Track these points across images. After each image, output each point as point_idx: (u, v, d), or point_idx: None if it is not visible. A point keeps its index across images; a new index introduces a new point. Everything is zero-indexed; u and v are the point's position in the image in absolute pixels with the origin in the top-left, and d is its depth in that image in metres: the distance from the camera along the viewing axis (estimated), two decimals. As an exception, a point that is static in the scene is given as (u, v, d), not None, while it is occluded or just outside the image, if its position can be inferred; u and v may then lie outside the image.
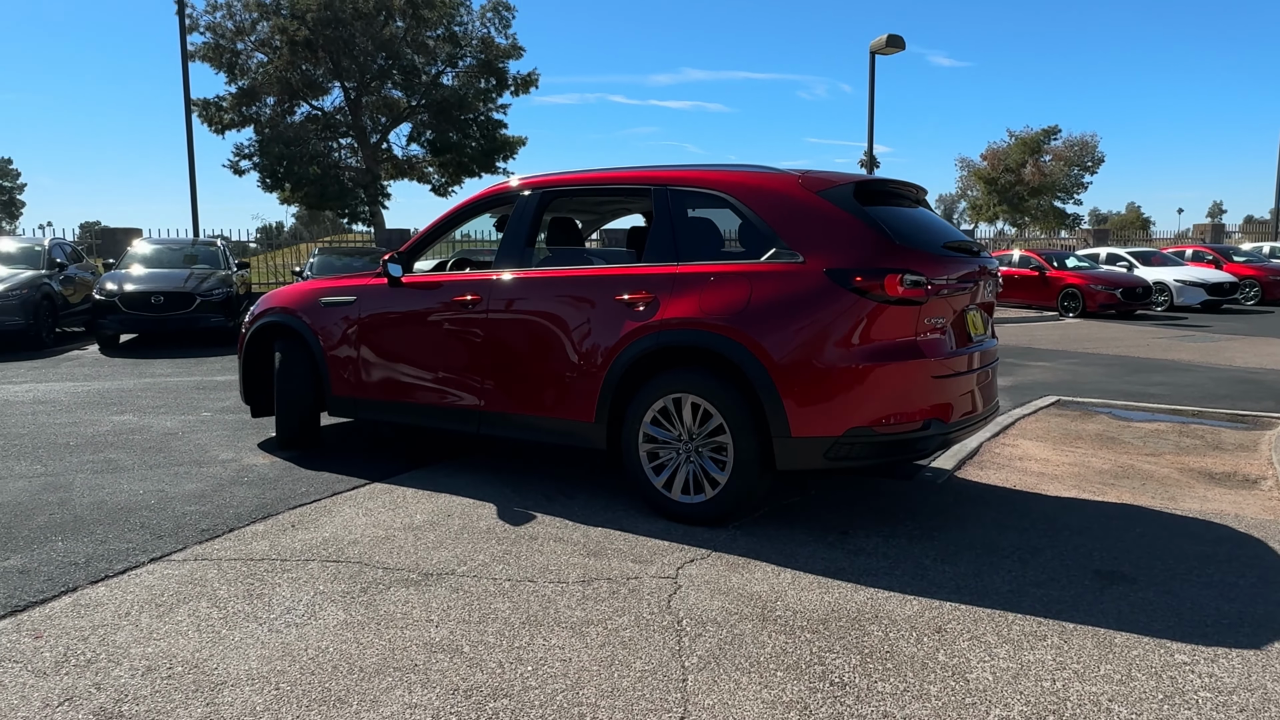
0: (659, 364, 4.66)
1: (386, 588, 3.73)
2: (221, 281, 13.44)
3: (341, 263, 15.13)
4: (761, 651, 3.10)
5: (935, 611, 3.50)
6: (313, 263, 15.08)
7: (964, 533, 4.48)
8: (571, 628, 3.33)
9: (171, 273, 13.54)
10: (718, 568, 3.95)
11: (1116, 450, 6.35)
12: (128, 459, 5.96)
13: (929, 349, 4.33)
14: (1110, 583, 3.85)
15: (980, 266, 4.78)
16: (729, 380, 4.41)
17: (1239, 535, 4.42)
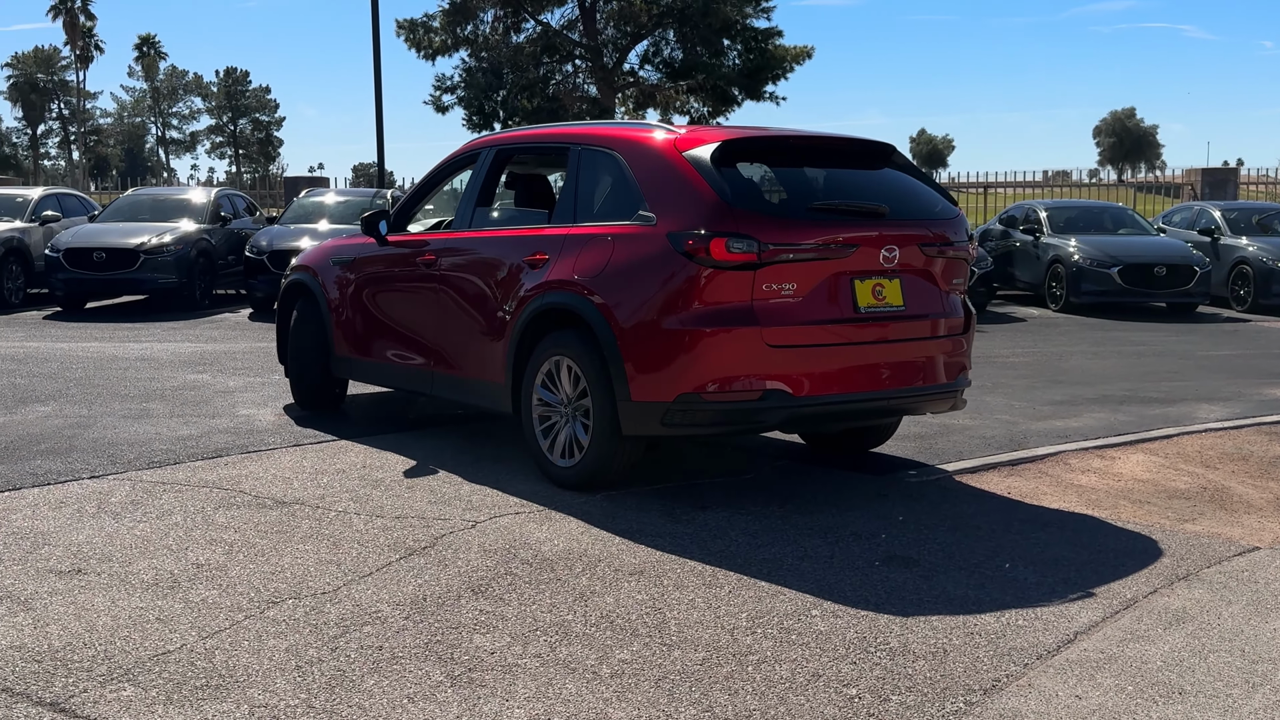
0: (548, 326, 6.43)
1: (233, 507, 5.88)
2: None
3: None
4: (451, 570, 4.85)
5: (662, 564, 5.01)
6: None
7: (829, 518, 5.80)
8: (324, 539, 5.28)
9: (332, 229, 16.84)
10: (526, 522, 5.66)
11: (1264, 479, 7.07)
12: (162, 409, 8.71)
13: (767, 316, 5.69)
14: (897, 566, 5.10)
15: (885, 232, 6.00)
16: (592, 344, 6.10)
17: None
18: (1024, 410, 8.99)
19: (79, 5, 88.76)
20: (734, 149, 6.02)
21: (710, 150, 5.90)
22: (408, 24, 27.71)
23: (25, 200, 18.28)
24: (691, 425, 5.76)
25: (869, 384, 5.97)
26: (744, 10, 26.77)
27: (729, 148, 5.98)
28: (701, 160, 5.87)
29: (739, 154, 6.08)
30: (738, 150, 6.07)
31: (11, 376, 10.26)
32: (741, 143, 6.12)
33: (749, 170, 6.11)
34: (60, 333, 14.19)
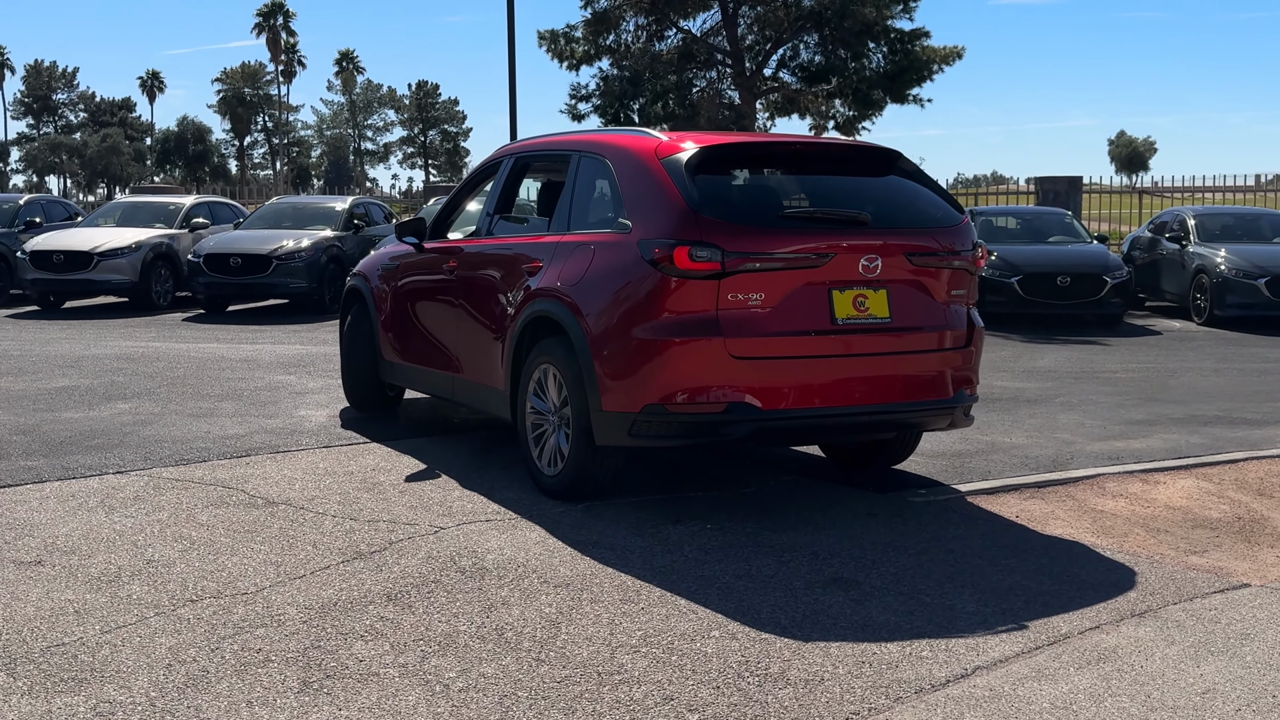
0: (540, 334, 6.42)
1: (223, 506, 6.07)
2: None
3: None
4: (381, 576, 4.86)
5: (594, 577, 4.92)
6: None
7: (797, 536, 5.60)
8: (284, 540, 5.39)
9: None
10: (489, 530, 5.65)
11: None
12: (229, 408, 9.06)
13: (733, 326, 5.54)
14: (835, 588, 4.89)
15: (865, 241, 5.77)
16: (571, 352, 6.06)
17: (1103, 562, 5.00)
18: (1092, 429, 8.52)
19: (281, 23, 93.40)
20: (714, 155, 5.90)
21: (686, 156, 5.80)
22: (549, 34, 28.12)
23: (177, 208, 19.30)
24: (658, 437, 5.66)
25: (847, 398, 5.75)
26: (883, 12, 26.16)
27: (708, 154, 5.86)
28: (676, 167, 5.77)
29: (720, 160, 5.96)
30: (718, 156, 5.94)
31: (115, 375, 10.83)
32: (723, 149, 6.00)
33: (728, 177, 5.97)
34: (189, 334, 14.92)
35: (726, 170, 6.01)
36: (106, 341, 13.77)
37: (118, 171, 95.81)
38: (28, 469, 6.86)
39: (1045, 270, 16.30)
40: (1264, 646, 4.26)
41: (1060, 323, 16.38)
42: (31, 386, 10.10)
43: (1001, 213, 19.67)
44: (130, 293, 17.69)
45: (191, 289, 17.34)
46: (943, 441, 7.86)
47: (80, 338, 14.18)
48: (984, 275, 16.09)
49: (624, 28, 28.03)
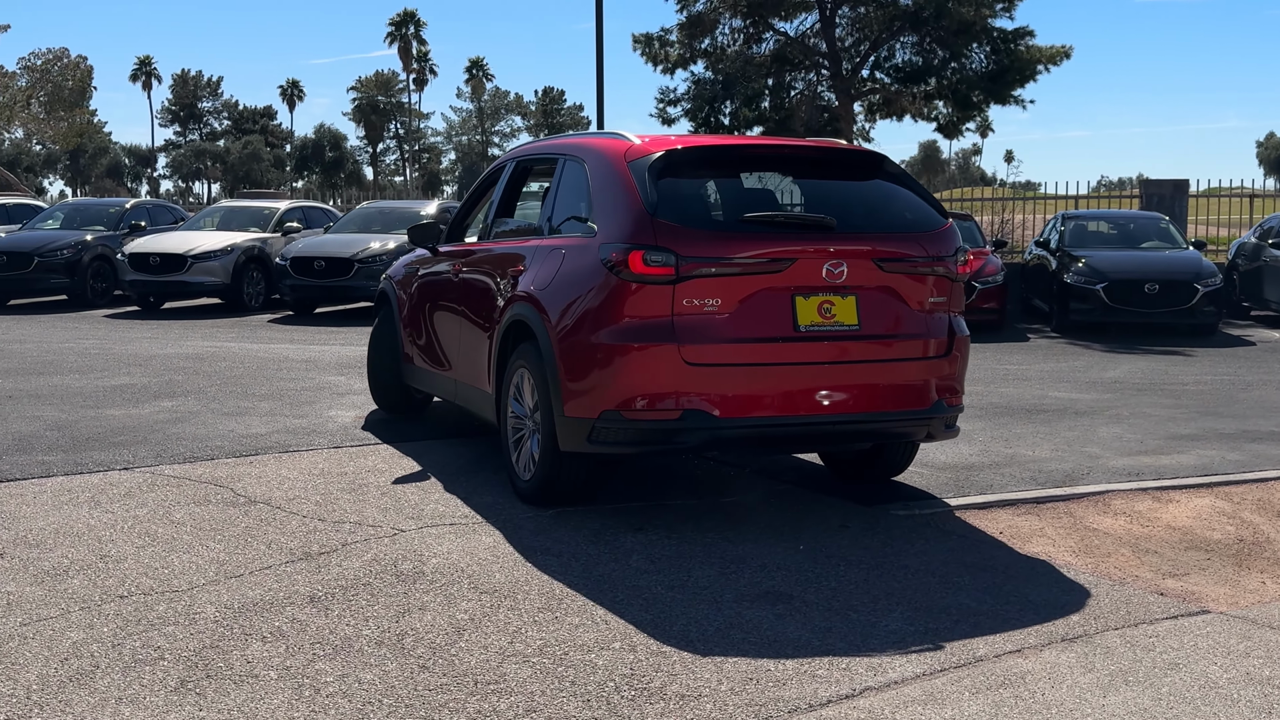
0: (519, 338, 6.40)
1: (203, 504, 6.17)
2: None
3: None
4: (316, 577, 4.89)
5: (526, 584, 4.86)
6: None
7: (751, 548, 5.45)
8: (243, 539, 5.46)
9: None
10: (447, 534, 5.63)
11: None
12: (265, 408, 9.26)
13: (688, 333, 5.42)
14: (764, 603, 4.75)
15: (828, 246, 5.59)
16: (541, 356, 6.02)
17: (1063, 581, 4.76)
18: (1128, 443, 8.16)
19: (412, 32, 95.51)
20: (683, 158, 5.81)
21: (651, 159, 5.71)
22: (644, 38, 28.09)
23: (272, 212, 19.84)
24: (615, 444, 5.59)
25: (812, 408, 5.59)
26: (982, 11, 25.40)
27: (675, 157, 5.77)
28: (640, 170, 5.69)
29: (690, 163, 5.85)
30: (689, 159, 5.84)
31: (176, 374, 11.16)
32: (694, 151, 5.90)
33: (695, 180, 5.86)
34: (267, 335, 15.31)
35: (696, 174, 5.90)
36: (185, 341, 14.21)
37: (258, 177, 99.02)
38: (42, 463, 7.10)
39: (1133, 277, 15.70)
40: (1186, 677, 4.00)
41: (1149, 332, 15.76)
42: (92, 384, 10.46)
43: (1095, 217, 19.01)
44: (222, 294, 18.23)
45: (279, 291, 17.79)
46: (958, 453, 7.63)
47: (163, 337, 14.67)
48: (1069, 282, 15.62)
49: (719, 31, 27.81)
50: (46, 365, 11.78)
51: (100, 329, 15.87)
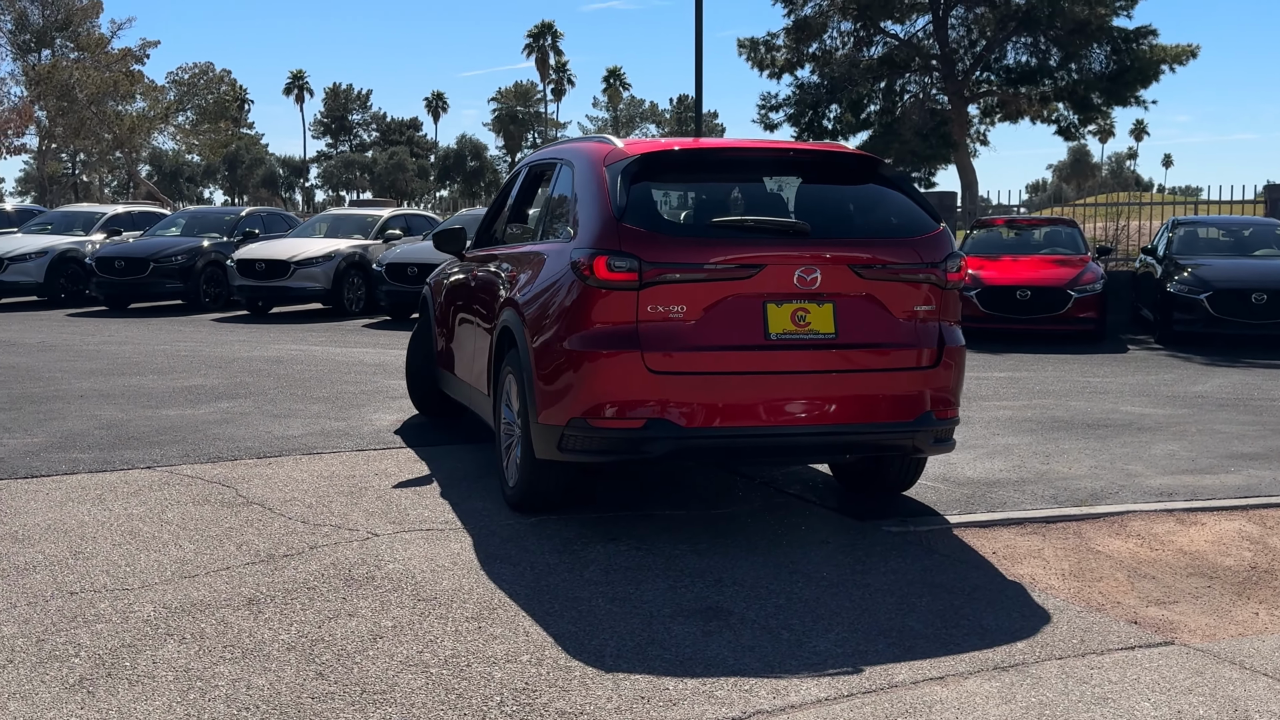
0: (510, 343, 6.34)
1: (199, 504, 6.26)
2: None
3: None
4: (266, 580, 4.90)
5: (469, 593, 4.78)
6: None
7: (714, 561, 5.28)
8: (218, 539, 5.51)
9: None
10: (418, 540, 5.59)
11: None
12: (312, 410, 9.41)
13: (653, 340, 5.27)
14: (699, 618, 4.58)
15: (800, 251, 5.37)
16: (520, 362, 5.94)
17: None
18: (1178, 461, 7.72)
19: (550, 43, 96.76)
20: (659, 162, 5.68)
21: (626, 164, 5.60)
22: (749, 43, 27.81)
23: (374, 220, 20.24)
24: (583, 452, 5.48)
25: (783, 418, 5.39)
26: (1097, 10, 24.41)
27: (651, 161, 5.65)
28: (613, 174, 5.58)
29: (667, 167, 5.72)
30: (666, 163, 5.71)
31: (247, 376, 11.44)
32: (668, 155, 5.76)
33: (669, 185, 5.72)
34: (354, 339, 15.61)
35: (674, 178, 5.77)
36: (275, 345, 14.57)
37: (403, 187, 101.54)
38: (72, 460, 7.32)
39: (1239, 286, 14.90)
40: (1109, 713, 3.71)
41: (1258, 344, 14.93)
42: (165, 385, 10.79)
43: (1207, 223, 18.13)
44: (324, 299, 18.66)
45: (376, 296, 18.13)
46: (987, 468, 7.34)
47: (255, 341, 15.08)
48: (1172, 291, 14.93)
49: (827, 34, 27.45)
50: (132, 366, 12.20)
51: (201, 332, 16.40)
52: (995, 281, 15.54)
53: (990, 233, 17.93)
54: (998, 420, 9.28)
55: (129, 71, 49.26)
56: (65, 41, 51.02)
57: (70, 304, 20.59)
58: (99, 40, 50.48)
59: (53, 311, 19.57)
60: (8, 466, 7.13)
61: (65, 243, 20.88)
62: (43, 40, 50.82)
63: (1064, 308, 15.27)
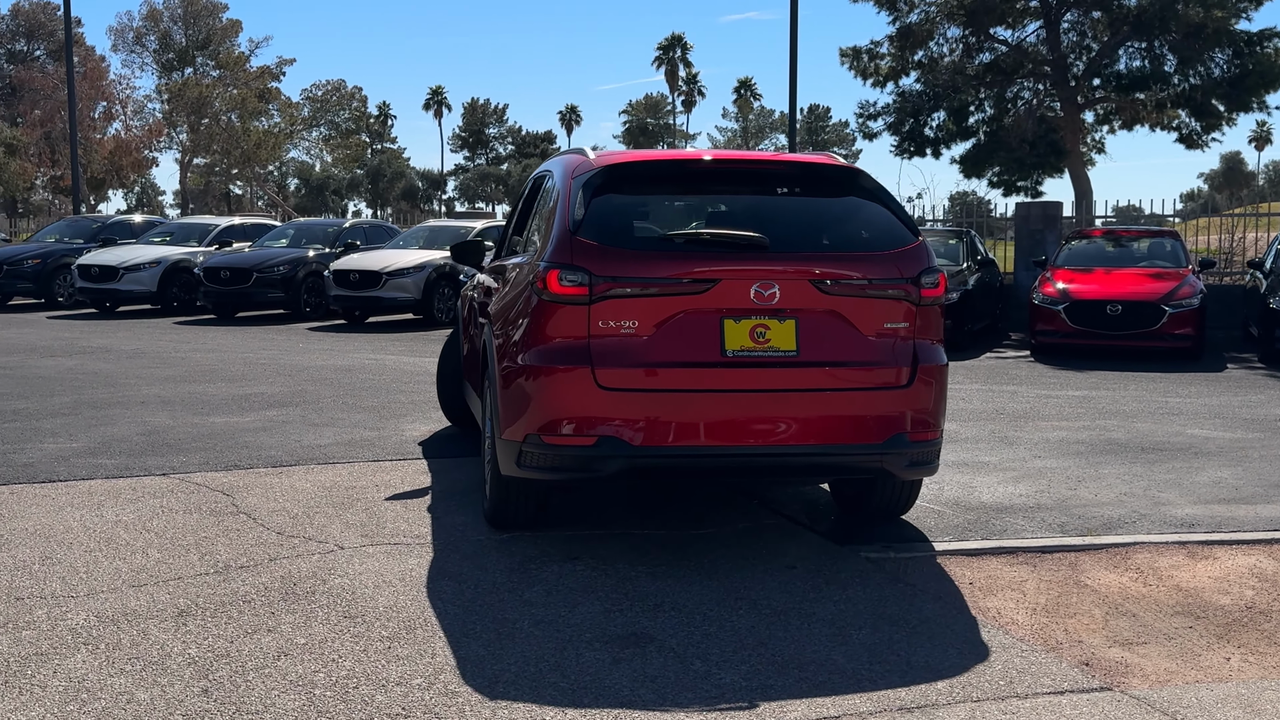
0: (488, 357, 6.26)
1: (188, 512, 6.33)
2: (954, 281, 15.42)
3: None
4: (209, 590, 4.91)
5: (393, 610, 4.71)
6: None
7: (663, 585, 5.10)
8: (187, 549, 5.55)
9: None
10: (379, 555, 5.54)
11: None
12: (353, 419, 9.51)
13: (604, 356, 5.13)
14: (620, 645, 4.42)
15: (755, 266, 5.16)
16: (488, 376, 5.86)
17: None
18: (1221, 490, 7.26)
19: (679, 55, 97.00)
20: (622, 174, 5.55)
21: (588, 175, 5.49)
22: (851, 51, 27.28)
23: (467, 231, 20.46)
24: (540, 469, 5.37)
25: (741, 438, 5.20)
26: (1213, 13, 23.19)
27: (614, 173, 5.52)
28: (576, 186, 5.48)
29: (633, 179, 5.59)
30: (627, 175, 5.58)
31: (309, 384, 11.64)
32: (633, 167, 5.63)
33: (631, 198, 5.57)
34: (431, 348, 15.71)
35: (637, 190, 5.62)
36: (353, 354, 14.82)
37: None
38: (96, 466, 7.51)
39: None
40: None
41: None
42: (225, 391, 11.04)
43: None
44: (415, 309, 18.94)
45: (463, 307, 18.30)
46: (1005, 493, 7.06)
47: (337, 349, 15.36)
48: (1273, 307, 14.14)
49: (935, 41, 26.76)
50: (206, 374, 12.52)
51: (290, 340, 16.77)
52: (1084, 295, 14.92)
53: (1088, 244, 17.24)
54: (1046, 442, 8.86)
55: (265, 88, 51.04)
56: (206, 60, 53.24)
57: (182, 312, 21.30)
58: (238, 59, 52.51)
59: (162, 320, 20.26)
60: (32, 471, 7.34)
61: (178, 253, 21.61)
62: (184, 59, 53.11)
63: (1157, 324, 14.57)
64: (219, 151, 50.96)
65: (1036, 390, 12.05)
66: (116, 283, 20.93)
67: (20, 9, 52.82)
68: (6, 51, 53.20)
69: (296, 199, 71.00)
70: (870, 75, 27.28)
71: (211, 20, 52.38)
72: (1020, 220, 20.22)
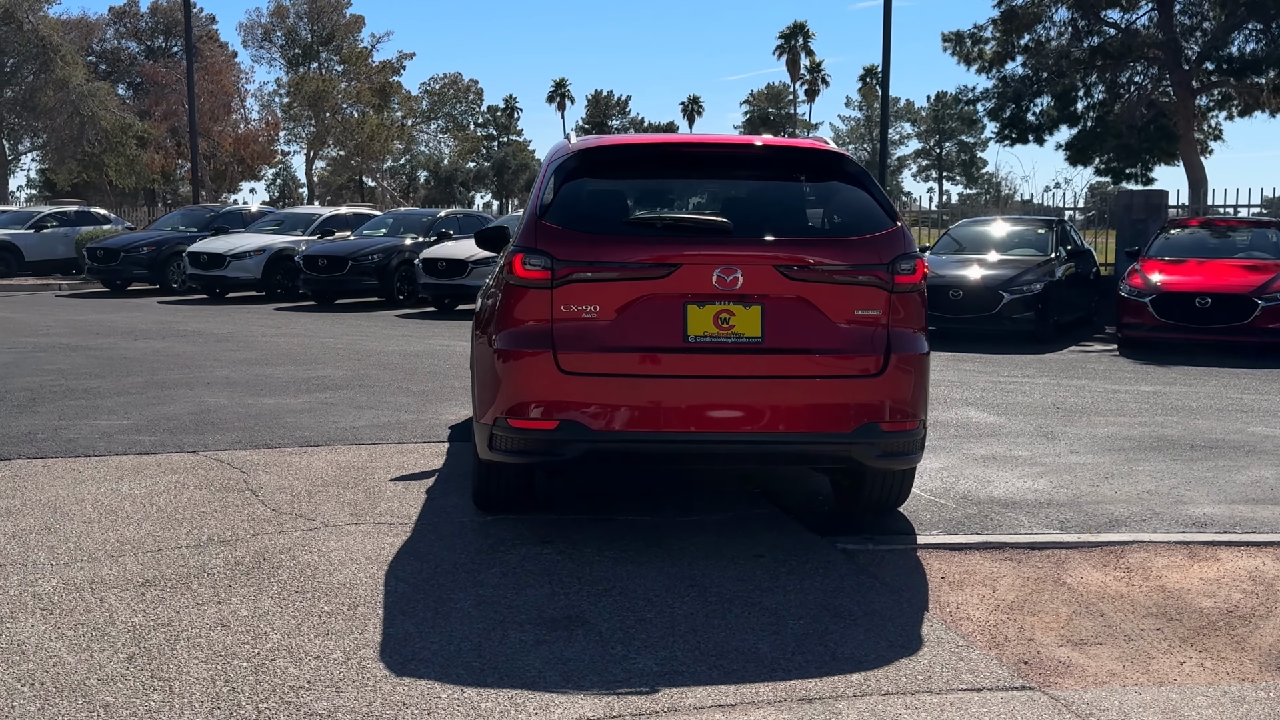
0: (478, 341, 6.30)
1: (201, 488, 6.54)
2: (1039, 271, 15.22)
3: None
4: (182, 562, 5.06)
5: (350, 588, 4.78)
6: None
7: (621, 569, 5.08)
8: (182, 521, 5.73)
9: (999, 260, 15.90)
10: (359, 534, 5.65)
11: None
12: (401, 402, 9.68)
13: (566, 340, 5.12)
14: (549, 627, 4.42)
15: (718, 251, 5.09)
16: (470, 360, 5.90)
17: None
18: (1256, 490, 6.94)
19: (801, 44, 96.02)
20: (595, 159, 5.54)
21: (561, 160, 5.50)
22: (954, 36, 26.54)
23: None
24: (507, 452, 5.39)
25: (702, 424, 5.15)
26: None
27: (587, 158, 5.52)
28: (550, 172, 5.50)
29: (602, 165, 5.57)
30: (600, 160, 5.56)
31: (373, 368, 11.89)
32: (605, 151, 5.61)
33: (600, 182, 5.55)
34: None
35: (609, 175, 5.60)
36: (428, 340, 15.07)
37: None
38: (134, 442, 7.79)
39: None
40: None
41: None
42: (290, 374, 11.34)
43: None
44: (501, 297, 19.13)
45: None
46: (1021, 488, 6.88)
47: (415, 335, 15.64)
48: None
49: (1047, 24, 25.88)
50: (281, 357, 12.87)
51: (374, 326, 17.13)
52: (1172, 288, 14.36)
53: (1185, 234, 16.55)
54: (1092, 437, 8.56)
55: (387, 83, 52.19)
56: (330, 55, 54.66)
57: (285, 299, 21.92)
58: (360, 53, 53.78)
59: (264, 305, 20.88)
60: (72, 446, 7.65)
61: (282, 241, 22.24)
62: (309, 54, 54.62)
63: (1248, 318, 13.94)
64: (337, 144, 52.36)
65: (1106, 385, 11.65)
66: (223, 270, 21.64)
67: (159, 7, 54.97)
68: (146, 48, 55.40)
69: (425, 191, 72.40)
70: (974, 60, 26.59)
71: (335, 16, 53.84)
72: (1122, 209, 19.52)
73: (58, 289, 24.93)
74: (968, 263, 15.93)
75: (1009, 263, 15.91)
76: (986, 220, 18.69)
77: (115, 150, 41.53)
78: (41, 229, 28.20)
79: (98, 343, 14.23)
